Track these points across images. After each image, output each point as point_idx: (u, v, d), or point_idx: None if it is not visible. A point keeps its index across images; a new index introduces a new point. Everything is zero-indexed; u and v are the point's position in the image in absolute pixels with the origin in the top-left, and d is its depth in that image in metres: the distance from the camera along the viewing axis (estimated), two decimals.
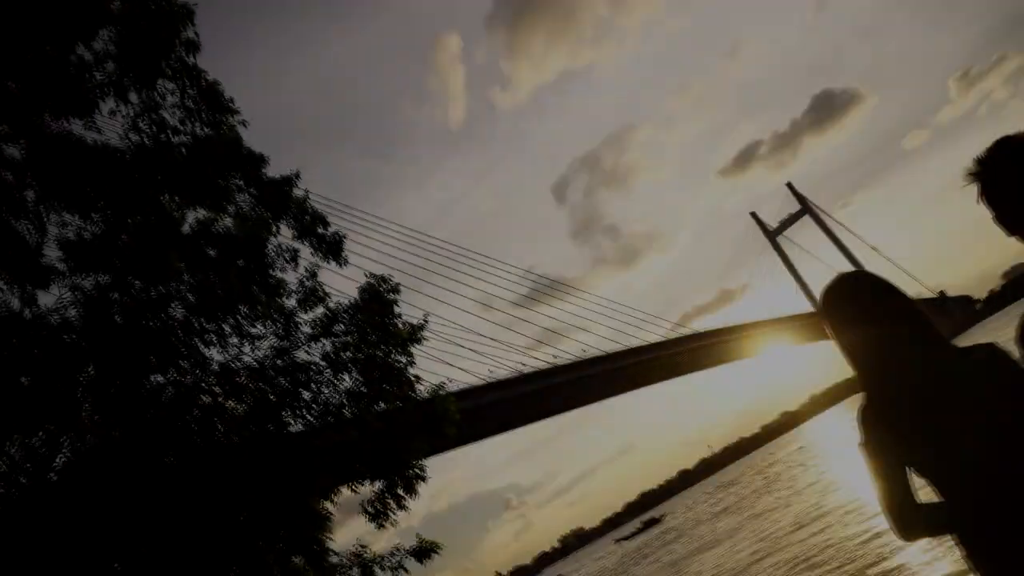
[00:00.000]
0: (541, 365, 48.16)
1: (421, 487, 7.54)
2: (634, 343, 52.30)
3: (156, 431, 6.45)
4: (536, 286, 52.57)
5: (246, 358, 7.31)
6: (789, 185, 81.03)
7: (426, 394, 7.73)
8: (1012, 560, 1.60)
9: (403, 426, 7.25)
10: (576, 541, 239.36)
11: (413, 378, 7.32)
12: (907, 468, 1.74)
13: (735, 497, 51.78)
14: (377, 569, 7.04)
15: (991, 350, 1.72)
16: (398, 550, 7.08)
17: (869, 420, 1.78)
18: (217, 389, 7.12)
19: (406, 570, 6.96)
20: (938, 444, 1.68)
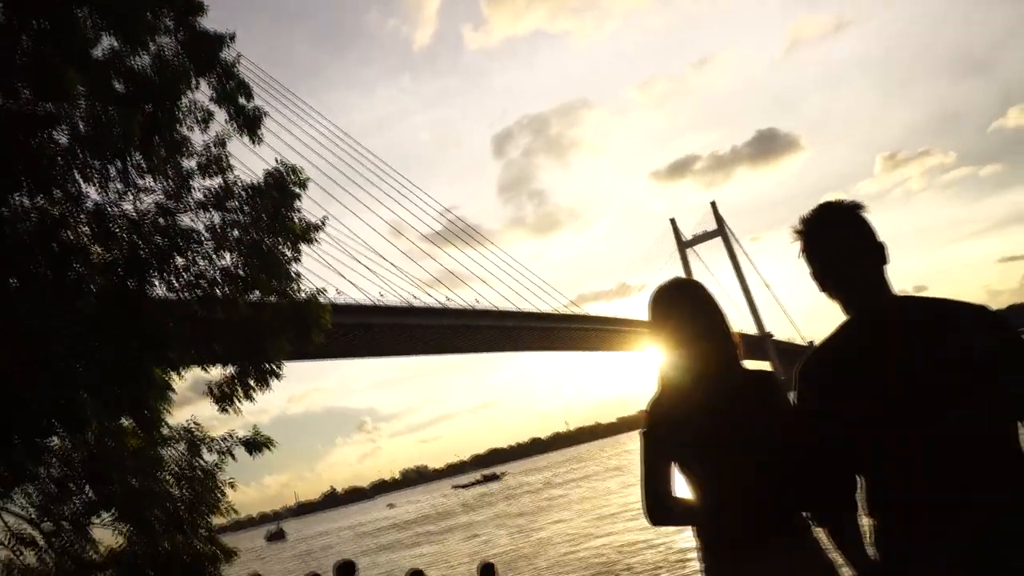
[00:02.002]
0: (432, 303, 48.34)
1: (279, 387, 7.47)
2: (527, 308, 53.24)
3: (8, 253, 6.04)
4: (451, 227, 52.18)
5: (126, 207, 6.92)
6: (713, 204, 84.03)
7: (304, 295, 7.60)
8: (736, 561, 1.83)
9: (272, 320, 7.12)
10: (417, 477, 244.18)
11: (294, 275, 7.16)
12: (673, 463, 1.94)
13: (579, 474, 54.42)
14: (204, 449, 6.95)
15: (769, 377, 1.94)
16: (230, 436, 7.00)
17: (655, 414, 1.97)
18: (86, 230, 6.72)
19: (233, 457, 6.91)
20: (707, 449, 1.89)
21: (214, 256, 7.02)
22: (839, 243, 1.71)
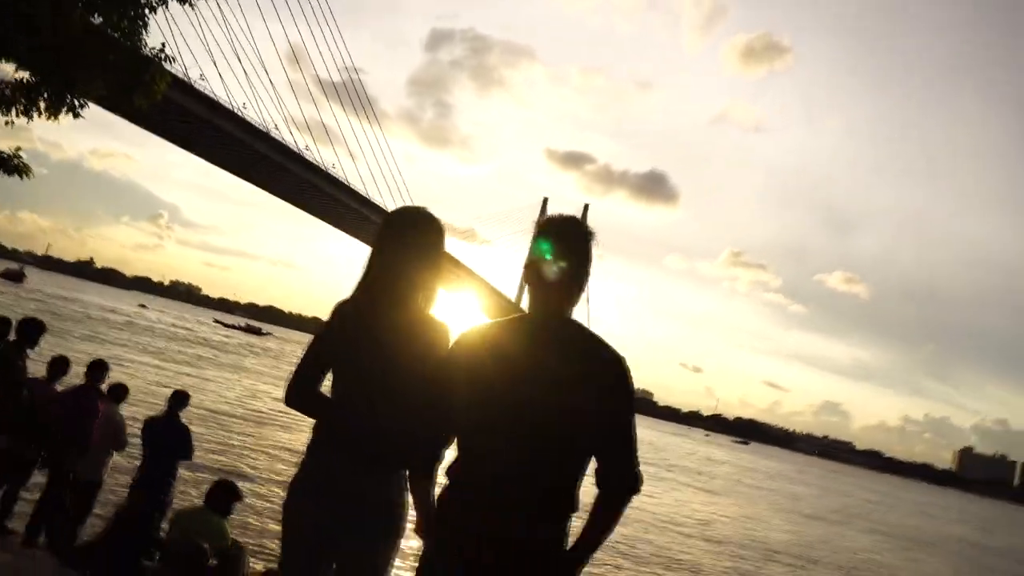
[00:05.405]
0: (291, 143, 45.59)
1: (84, 133, 6.62)
2: (376, 199, 51.80)
3: None
4: (348, 85, 49.20)
5: None
6: (586, 207, 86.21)
7: (148, 53, 6.80)
8: (323, 465, 2.02)
9: (98, 54, 6.27)
10: (184, 294, 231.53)
11: (144, 21, 6.31)
12: (329, 364, 2.08)
13: None
14: None
15: (441, 330, 2.06)
16: None
17: (336, 314, 2.09)
18: None
19: None
20: (355, 366, 2.04)
21: None
22: (569, 253, 1.82)
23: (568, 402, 1.71)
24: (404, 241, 2.06)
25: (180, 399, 6.02)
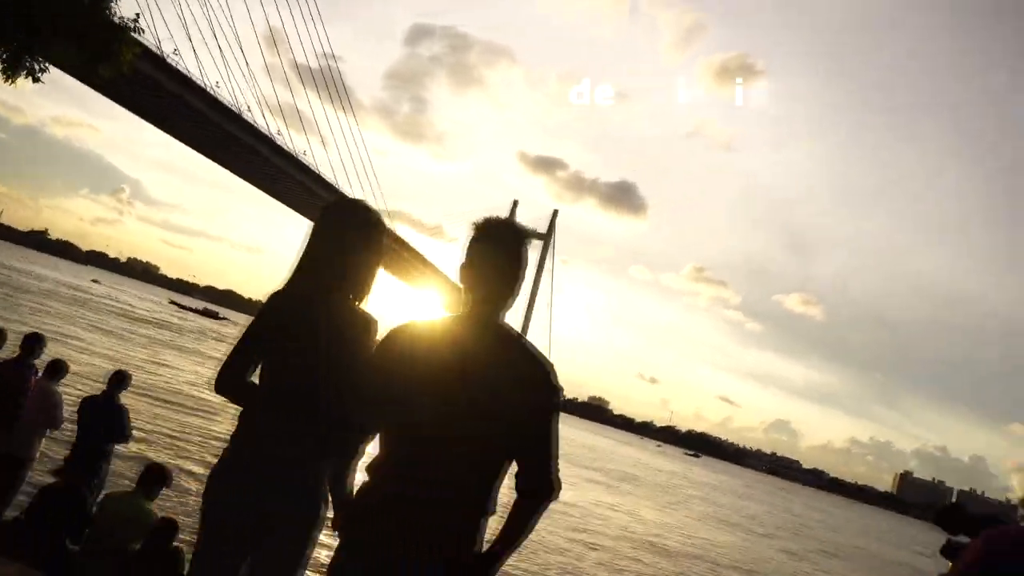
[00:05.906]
0: (262, 126, 44.85)
1: (47, 99, 6.43)
2: (346, 190, 51.25)
3: None
4: (325, 73, 48.69)
5: None
6: (555, 212, 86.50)
7: (116, 19, 6.59)
8: (253, 449, 2.00)
9: (61, 18, 6.05)
10: (140, 273, 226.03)
11: None
12: (259, 352, 2.07)
13: None
14: None
15: (370, 322, 2.06)
16: None
17: (270, 304, 2.08)
18: None
19: None
20: (293, 351, 2.01)
21: None
22: (503, 258, 1.84)
23: (531, 401, 1.75)
24: (342, 234, 2.05)
25: (120, 379, 5.80)
